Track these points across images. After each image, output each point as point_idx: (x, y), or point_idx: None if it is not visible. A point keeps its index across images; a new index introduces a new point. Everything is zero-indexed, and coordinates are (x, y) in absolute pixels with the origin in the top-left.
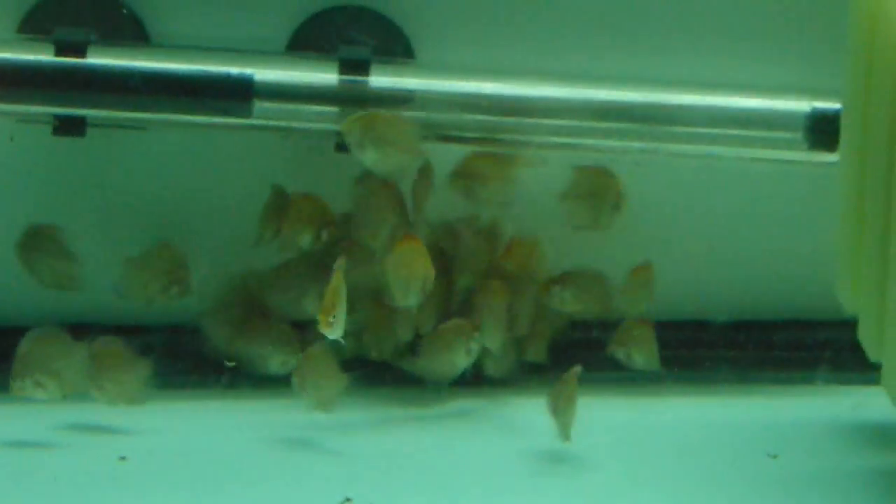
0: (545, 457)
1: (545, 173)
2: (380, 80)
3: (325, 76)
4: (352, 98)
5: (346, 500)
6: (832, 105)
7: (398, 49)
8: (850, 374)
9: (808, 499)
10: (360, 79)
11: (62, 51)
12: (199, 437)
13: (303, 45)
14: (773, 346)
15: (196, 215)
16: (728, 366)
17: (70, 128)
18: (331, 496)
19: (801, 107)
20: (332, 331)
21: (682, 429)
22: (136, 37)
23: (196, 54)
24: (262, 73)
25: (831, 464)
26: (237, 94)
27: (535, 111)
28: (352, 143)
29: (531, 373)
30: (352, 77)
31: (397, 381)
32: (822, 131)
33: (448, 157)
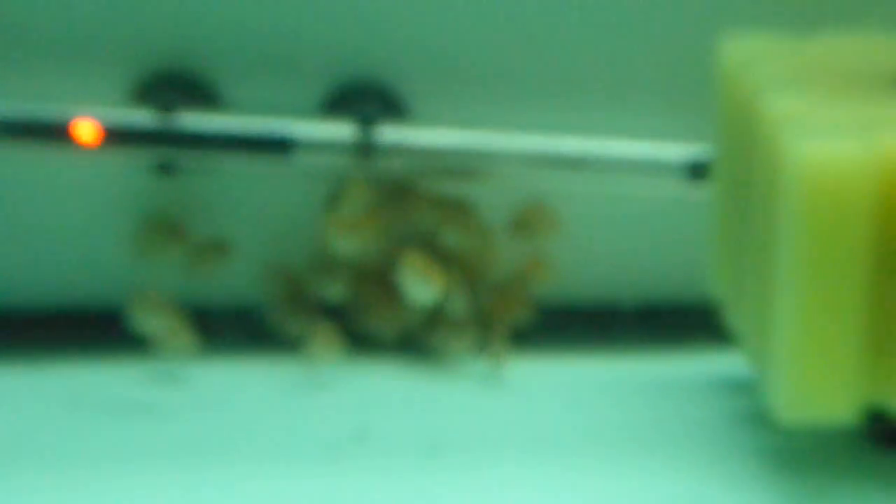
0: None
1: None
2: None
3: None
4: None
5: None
6: (704, 149)
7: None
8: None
9: (677, 434)
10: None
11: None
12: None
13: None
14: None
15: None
16: (621, 335)
17: (165, 170)
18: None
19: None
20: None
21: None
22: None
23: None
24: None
25: (700, 410)
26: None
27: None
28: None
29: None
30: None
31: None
32: (698, 170)
33: None
